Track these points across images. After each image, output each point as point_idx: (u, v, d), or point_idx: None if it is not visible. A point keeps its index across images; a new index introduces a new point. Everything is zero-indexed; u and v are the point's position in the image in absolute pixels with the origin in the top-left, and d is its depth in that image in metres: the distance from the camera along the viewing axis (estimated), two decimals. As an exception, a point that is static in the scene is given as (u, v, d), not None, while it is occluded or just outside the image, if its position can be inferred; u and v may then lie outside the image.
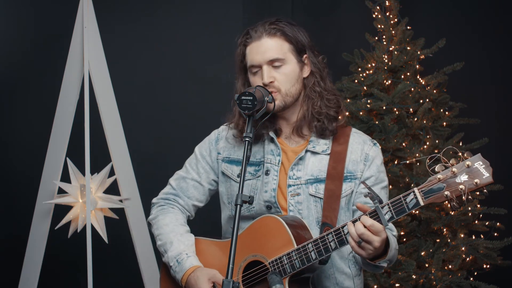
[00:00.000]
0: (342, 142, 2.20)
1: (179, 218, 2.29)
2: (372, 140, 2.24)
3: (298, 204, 2.16)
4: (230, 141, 2.29)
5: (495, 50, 4.01)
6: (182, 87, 4.24)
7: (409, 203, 1.85)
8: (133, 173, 3.52)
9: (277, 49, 2.14)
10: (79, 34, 3.34)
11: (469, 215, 3.55)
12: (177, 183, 2.34)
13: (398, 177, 3.51)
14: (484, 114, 3.80)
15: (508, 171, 3.86)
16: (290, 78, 2.15)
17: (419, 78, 3.71)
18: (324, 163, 2.18)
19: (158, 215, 2.30)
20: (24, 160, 4.17)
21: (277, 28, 2.15)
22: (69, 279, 4.16)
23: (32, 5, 4.23)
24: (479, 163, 1.79)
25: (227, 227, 2.32)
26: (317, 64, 2.23)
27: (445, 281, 3.39)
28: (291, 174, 2.17)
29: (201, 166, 2.31)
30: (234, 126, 2.27)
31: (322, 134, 2.19)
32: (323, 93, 2.20)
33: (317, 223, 2.16)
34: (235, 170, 2.25)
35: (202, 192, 2.33)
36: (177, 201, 2.33)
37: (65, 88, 3.42)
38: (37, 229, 3.44)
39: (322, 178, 2.16)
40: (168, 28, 4.22)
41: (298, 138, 2.22)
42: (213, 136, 2.34)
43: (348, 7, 4.26)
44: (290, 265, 2.01)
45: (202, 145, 2.35)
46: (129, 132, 3.56)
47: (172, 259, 2.17)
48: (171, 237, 2.22)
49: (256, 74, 2.16)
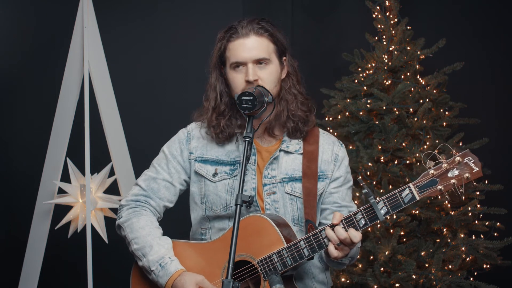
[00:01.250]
0: (312, 142, 2.24)
1: (153, 220, 2.25)
2: (339, 141, 2.31)
3: (274, 203, 2.18)
4: (202, 139, 2.27)
5: (495, 50, 4.02)
6: (182, 87, 4.24)
7: (405, 198, 1.95)
8: (133, 173, 3.52)
9: (264, 49, 2.15)
10: (79, 34, 3.34)
11: (469, 215, 3.55)
12: (147, 184, 2.28)
13: (398, 177, 3.51)
14: (484, 114, 3.80)
15: (508, 171, 3.87)
16: (273, 78, 2.16)
17: (419, 78, 3.71)
18: (297, 162, 2.21)
19: (131, 217, 2.24)
20: (24, 160, 4.17)
21: (265, 28, 2.17)
22: (69, 279, 4.16)
23: (32, 5, 4.24)
24: (469, 158, 1.91)
25: (197, 228, 2.30)
26: (294, 66, 2.26)
27: (445, 281, 3.39)
28: (266, 173, 2.19)
29: (172, 166, 2.27)
30: (206, 122, 2.25)
31: (293, 135, 2.22)
32: (298, 95, 2.23)
33: (293, 221, 2.19)
34: (210, 169, 2.23)
35: (173, 192, 2.29)
36: (148, 202, 2.27)
37: (65, 88, 3.42)
38: (37, 229, 3.44)
39: (297, 177, 2.20)
40: (168, 28, 4.22)
41: (270, 138, 2.24)
42: (183, 135, 2.30)
43: (348, 7, 4.26)
44: (281, 263, 2.02)
45: (171, 145, 2.31)
46: (129, 132, 3.56)
47: (154, 263, 2.13)
48: (149, 240, 2.17)
49: (238, 70, 2.15)
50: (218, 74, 2.25)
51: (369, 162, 3.55)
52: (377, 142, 3.56)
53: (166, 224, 2.38)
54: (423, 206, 3.53)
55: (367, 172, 3.56)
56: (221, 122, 2.21)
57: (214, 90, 2.25)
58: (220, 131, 2.21)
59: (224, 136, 2.21)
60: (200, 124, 2.29)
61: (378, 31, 3.79)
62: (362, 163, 3.55)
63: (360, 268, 3.53)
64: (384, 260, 3.41)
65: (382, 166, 3.52)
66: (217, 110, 2.22)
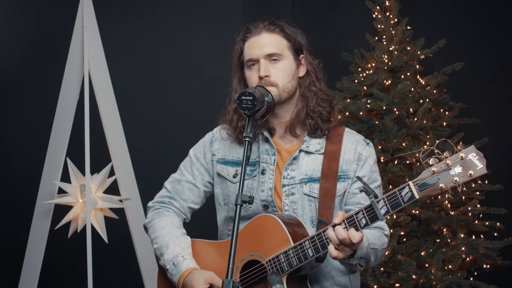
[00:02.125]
0: (335, 142, 2.21)
1: (175, 221, 2.28)
2: (365, 140, 2.25)
3: (292, 204, 2.17)
4: (224, 141, 2.29)
5: (495, 50, 4.01)
6: (182, 87, 4.24)
7: (404, 197, 1.86)
8: (133, 173, 3.52)
9: (275, 44, 2.17)
10: (79, 34, 3.34)
11: (469, 215, 3.55)
12: (172, 186, 2.33)
13: (398, 177, 3.51)
14: (484, 114, 3.80)
15: (508, 171, 3.86)
16: (287, 74, 2.17)
17: (419, 78, 3.71)
18: (318, 163, 2.19)
19: (154, 218, 2.29)
20: (24, 160, 4.17)
21: (277, 25, 2.19)
22: (69, 279, 4.16)
23: (32, 5, 4.24)
24: (473, 155, 1.79)
25: (223, 228, 2.31)
26: (313, 64, 2.26)
27: (445, 281, 3.38)
28: (285, 174, 2.18)
29: (195, 169, 2.30)
30: (227, 123, 2.27)
31: (314, 134, 2.20)
32: (318, 93, 2.22)
33: (311, 222, 2.17)
34: (231, 170, 2.25)
35: (198, 194, 2.32)
36: (172, 203, 2.31)
37: (65, 88, 3.42)
38: (37, 229, 3.44)
39: (316, 178, 2.17)
40: (168, 28, 4.22)
41: (291, 138, 2.23)
42: (207, 138, 2.34)
43: (348, 7, 4.26)
44: (287, 263, 2.02)
45: (196, 148, 2.35)
46: (129, 132, 3.56)
47: (169, 262, 2.17)
48: (166, 240, 2.21)
49: (253, 68, 2.17)
50: (240, 77, 2.26)
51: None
52: (377, 142, 3.56)
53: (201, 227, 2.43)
54: (423, 206, 3.53)
55: (367, 172, 3.55)
56: (240, 123, 2.22)
57: (236, 92, 2.26)
58: (240, 131, 2.22)
59: None
60: (223, 126, 2.31)
61: (378, 31, 3.79)
62: (362, 163, 3.55)
63: (360, 268, 3.53)
64: (384, 260, 3.41)
65: (382, 166, 3.52)
66: (238, 112, 2.23)
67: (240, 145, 2.26)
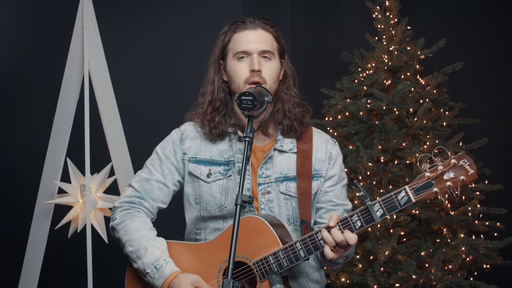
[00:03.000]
0: (306, 141, 2.24)
1: (148, 222, 2.25)
2: (332, 139, 2.31)
3: (269, 202, 2.18)
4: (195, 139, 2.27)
5: (495, 50, 4.02)
6: (182, 87, 4.23)
7: (401, 200, 1.94)
8: (133, 173, 3.51)
9: (270, 43, 2.19)
10: (79, 34, 3.34)
11: (469, 215, 3.55)
12: (140, 185, 2.28)
13: (398, 177, 3.51)
14: (484, 114, 3.80)
15: (508, 171, 3.87)
16: (274, 74, 2.19)
17: (419, 78, 3.71)
18: (291, 161, 2.21)
19: (125, 219, 2.24)
20: (24, 160, 4.17)
21: (270, 26, 2.21)
22: (69, 279, 4.16)
23: (32, 5, 4.23)
24: (464, 161, 1.91)
25: (192, 228, 2.29)
26: (292, 69, 2.28)
27: (445, 281, 3.39)
28: (261, 173, 2.19)
29: (165, 167, 2.27)
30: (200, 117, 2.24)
31: (288, 134, 2.23)
32: (294, 96, 2.24)
33: (288, 220, 2.19)
34: (204, 170, 2.23)
35: (167, 193, 2.28)
36: (142, 204, 2.27)
37: (65, 88, 3.42)
38: (37, 229, 3.44)
39: (291, 176, 2.20)
40: (168, 28, 4.22)
41: (263, 136, 2.24)
42: (176, 136, 2.30)
43: (348, 7, 4.26)
44: (277, 265, 2.02)
45: (165, 146, 2.30)
46: (129, 132, 3.55)
47: (149, 266, 2.13)
48: (143, 242, 2.17)
49: (243, 61, 2.17)
50: (217, 69, 2.26)
51: (369, 162, 3.55)
52: (377, 142, 3.56)
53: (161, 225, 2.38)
54: (423, 206, 3.53)
55: (367, 172, 3.56)
56: (215, 118, 2.21)
57: (212, 84, 2.25)
58: (214, 126, 2.21)
59: (217, 132, 2.21)
60: (194, 123, 2.30)
61: (378, 31, 3.79)
62: (362, 163, 3.55)
63: (360, 268, 3.53)
64: (384, 260, 3.41)
65: (382, 166, 3.52)
66: (213, 104, 2.22)
67: (212, 142, 2.24)
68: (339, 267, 2.20)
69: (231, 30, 2.21)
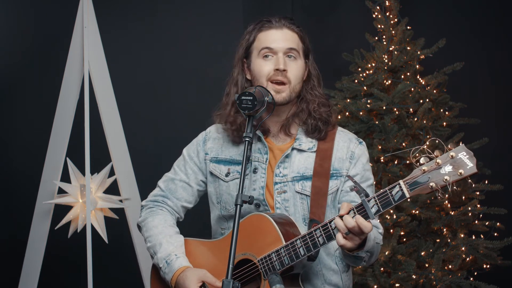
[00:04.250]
0: (328, 140, 2.22)
1: (168, 219, 2.29)
2: (358, 139, 2.27)
3: (284, 202, 2.17)
4: (217, 139, 2.29)
5: (495, 50, 4.02)
6: (182, 87, 4.24)
7: (395, 195, 1.86)
8: (133, 173, 3.52)
9: (296, 43, 2.19)
10: (79, 34, 3.34)
11: (469, 215, 3.55)
12: (165, 184, 2.33)
13: (398, 177, 3.51)
14: (484, 114, 3.80)
15: (508, 171, 3.87)
16: (299, 74, 2.19)
17: (419, 78, 3.71)
18: (310, 161, 2.19)
19: (147, 217, 2.30)
20: (24, 160, 4.17)
21: (296, 26, 2.22)
22: (69, 279, 4.16)
23: (32, 5, 4.24)
24: (463, 154, 1.79)
25: (216, 227, 2.31)
26: (316, 69, 2.28)
27: (445, 281, 3.39)
28: (278, 172, 2.19)
29: (189, 167, 2.31)
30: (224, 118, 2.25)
31: (312, 134, 2.21)
32: (319, 96, 2.24)
33: (304, 220, 2.17)
34: (223, 169, 2.25)
35: (191, 193, 2.32)
36: (166, 202, 2.32)
37: (65, 88, 3.42)
38: (37, 229, 3.44)
39: (308, 176, 2.18)
40: (168, 28, 4.22)
41: (285, 136, 2.24)
42: (201, 137, 2.34)
43: (348, 7, 4.26)
44: (279, 262, 2.02)
45: (190, 147, 2.35)
46: (129, 132, 3.56)
47: (162, 261, 2.17)
48: (160, 238, 2.22)
49: (268, 59, 2.17)
50: (241, 69, 2.25)
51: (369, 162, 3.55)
52: (377, 142, 3.56)
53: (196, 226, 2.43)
54: (423, 206, 3.53)
55: (367, 172, 3.55)
56: (238, 119, 2.21)
57: (235, 84, 2.25)
58: (236, 128, 2.21)
59: (240, 134, 2.20)
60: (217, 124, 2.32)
61: (378, 31, 3.79)
62: (362, 163, 3.55)
63: (360, 268, 3.53)
64: (384, 260, 3.41)
65: (382, 166, 3.52)
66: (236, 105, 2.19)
67: (234, 143, 2.25)
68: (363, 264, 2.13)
69: (257, 29, 2.20)
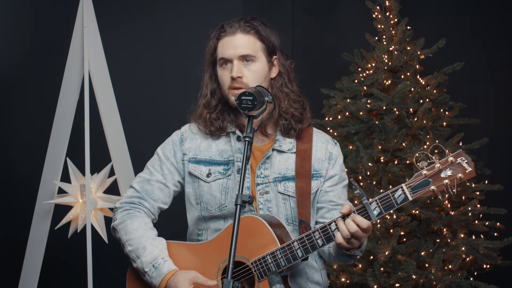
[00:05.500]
0: (306, 141, 2.24)
1: (147, 222, 2.25)
2: (333, 140, 2.30)
3: (267, 202, 2.18)
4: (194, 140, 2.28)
5: (495, 50, 4.02)
6: (182, 87, 4.23)
7: (398, 199, 1.93)
8: (133, 173, 3.51)
9: (249, 46, 2.17)
10: (79, 34, 3.34)
11: (469, 215, 3.55)
12: (141, 185, 2.29)
13: (398, 177, 3.51)
14: (484, 114, 3.80)
15: (508, 171, 3.87)
16: (259, 76, 2.17)
17: (419, 78, 3.71)
18: (290, 161, 2.21)
19: (125, 219, 2.25)
20: (24, 160, 4.17)
21: (251, 26, 2.19)
22: (69, 279, 4.16)
23: (32, 5, 4.23)
24: (462, 159, 1.89)
25: (193, 228, 2.30)
26: (285, 66, 2.26)
27: (445, 281, 3.39)
28: (259, 173, 2.19)
29: (165, 168, 2.28)
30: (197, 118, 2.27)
31: (287, 134, 2.22)
32: (290, 94, 2.23)
33: (286, 220, 2.19)
34: (203, 170, 2.24)
35: (167, 194, 2.29)
36: (142, 204, 2.28)
37: (65, 88, 3.42)
38: (37, 229, 3.44)
39: (289, 176, 2.20)
40: (168, 28, 4.22)
41: (262, 137, 2.24)
42: (176, 137, 2.32)
43: (348, 7, 4.26)
44: (275, 264, 2.02)
45: (165, 147, 2.32)
46: (129, 132, 3.55)
47: (147, 265, 2.14)
48: (143, 242, 2.18)
49: (225, 67, 2.18)
50: (211, 73, 2.27)
51: (369, 162, 3.55)
52: (377, 142, 3.56)
53: (163, 225, 2.39)
54: (423, 206, 3.53)
55: (367, 172, 3.56)
56: (212, 115, 2.23)
57: (206, 87, 2.28)
58: (211, 123, 2.23)
59: (215, 127, 2.22)
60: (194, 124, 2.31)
61: (378, 31, 3.79)
62: (362, 163, 3.55)
63: (360, 268, 3.53)
64: (384, 260, 3.41)
65: (382, 166, 3.52)
66: (209, 105, 2.24)
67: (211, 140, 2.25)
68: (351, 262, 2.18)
69: (215, 37, 2.23)
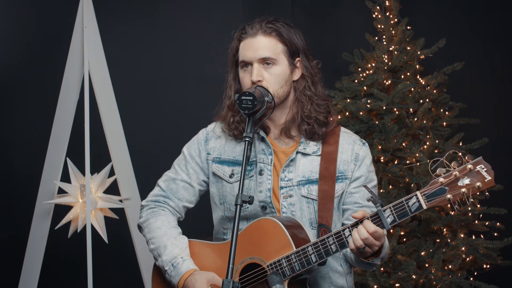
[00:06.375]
0: (332, 143, 2.19)
1: (171, 220, 2.26)
2: (361, 140, 2.25)
3: (291, 206, 2.16)
4: (219, 139, 2.27)
5: (495, 50, 4.02)
6: (182, 87, 4.24)
7: (412, 207, 1.87)
8: (133, 173, 3.52)
9: (270, 49, 2.14)
10: (79, 34, 3.34)
11: (469, 215, 3.55)
12: (166, 184, 2.29)
13: (398, 177, 3.51)
14: (484, 114, 3.80)
15: (508, 171, 3.86)
16: (279, 80, 2.14)
17: (419, 78, 3.71)
18: (315, 164, 2.17)
19: (149, 218, 2.26)
20: (24, 160, 4.17)
21: (273, 28, 2.15)
22: (69, 279, 4.16)
23: (32, 5, 4.23)
24: (481, 167, 1.80)
25: (219, 227, 2.30)
26: (309, 68, 2.22)
27: (445, 281, 3.39)
28: (283, 176, 2.17)
29: (190, 167, 2.28)
30: (222, 119, 2.26)
31: (311, 138, 2.19)
32: (313, 97, 2.19)
33: (310, 224, 2.16)
34: (227, 170, 2.23)
35: (192, 193, 2.29)
36: (167, 203, 2.28)
37: (65, 88, 3.42)
38: (37, 229, 3.44)
39: (313, 179, 2.16)
40: (168, 28, 4.22)
41: (287, 139, 2.21)
42: (202, 136, 2.30)
43: (348, 7, 4.26)
44: (289, 268, 2.01)
45: (190, 145, 2.31)
46: (129, 132, 3.55)
47: (167, 263, 2.15)
48: (164, 240, 2.19)
49: (246, 70, 2.16)
50: (235, 74, 2.24)
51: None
52: (377, 142, 3.56)
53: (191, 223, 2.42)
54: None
55: (367, 172, 3.55)
56: (235, 118, 2.20)
57: (230, 88, 2.25)
58: (235, 127, 2.20)
59: (239, 131, 2.20)
60: (217, 123, 2.30)
61: (378, 31, 3.79)
62: (362, 163, 3.55)
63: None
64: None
65: (382, 166, 3.52)
66: (233, 106, 2.21)
67: (236, 142, 2.24)
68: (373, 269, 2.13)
69: (237, 39, 2.20)
